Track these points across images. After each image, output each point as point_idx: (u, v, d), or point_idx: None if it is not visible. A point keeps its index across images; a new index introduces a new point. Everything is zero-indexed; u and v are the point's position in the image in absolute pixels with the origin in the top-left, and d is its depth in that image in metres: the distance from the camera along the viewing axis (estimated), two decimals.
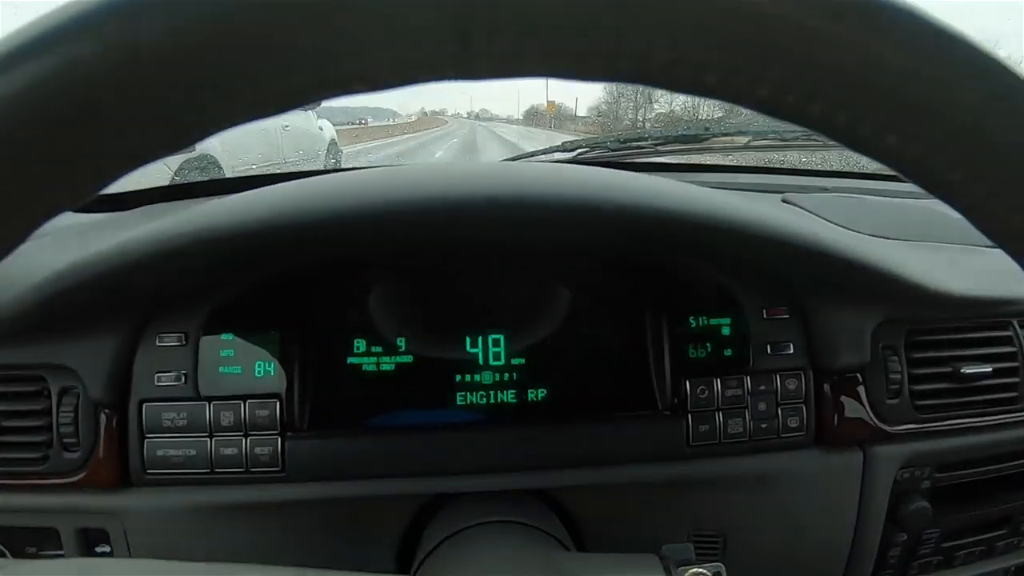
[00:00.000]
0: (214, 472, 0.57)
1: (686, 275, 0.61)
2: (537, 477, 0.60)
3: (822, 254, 0.54)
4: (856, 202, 0.97)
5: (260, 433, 0.56)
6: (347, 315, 0.59)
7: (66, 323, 0.55)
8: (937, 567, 0.74)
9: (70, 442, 0.56)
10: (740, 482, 0.62)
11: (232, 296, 0.58)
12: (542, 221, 0.53)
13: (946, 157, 0.18)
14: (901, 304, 0.62)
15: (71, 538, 0.59)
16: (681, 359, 0.60)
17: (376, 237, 0.56)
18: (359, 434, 0.58)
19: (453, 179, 0.52)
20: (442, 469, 0.59)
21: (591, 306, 0.61)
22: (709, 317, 0.61)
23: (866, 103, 0.17)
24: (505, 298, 0.61)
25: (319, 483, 0.58)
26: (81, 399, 0.56)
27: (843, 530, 0.66)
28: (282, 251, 0.56)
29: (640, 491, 0.62)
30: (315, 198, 0.50)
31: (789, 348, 0.61)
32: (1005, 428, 0.67)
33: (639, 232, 0.55)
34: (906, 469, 0.66)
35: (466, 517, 0.56)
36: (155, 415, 0.57)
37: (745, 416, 0.60)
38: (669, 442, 0.60)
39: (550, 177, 0.53)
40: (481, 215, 0.51)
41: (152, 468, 0.57)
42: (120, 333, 0.56)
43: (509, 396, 0.59)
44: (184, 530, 0.58)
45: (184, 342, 0.57)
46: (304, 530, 0.60)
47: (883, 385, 0.63)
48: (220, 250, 0.51)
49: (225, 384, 0.57)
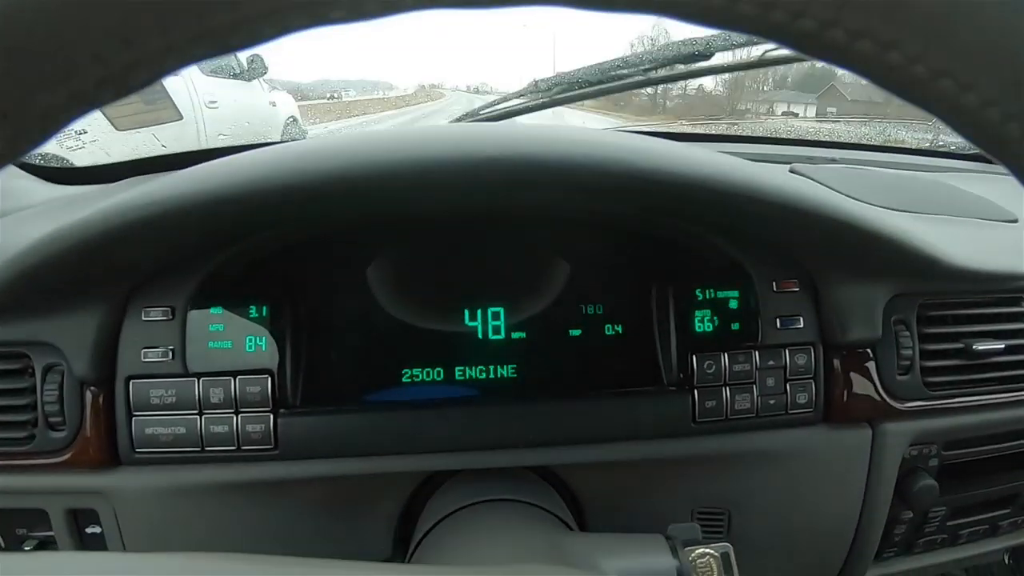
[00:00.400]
0: (205, 450, 0.55)
1: (695, 246, 0.59)
2: (538, 454, 0.58)
3: (837, 223, 0.52)
4: (865, 174, 0.94)
5: (251, 410, 0.55)
6: (341, 288, 0.57)
7: (47, 297, 0.52)
8: (941, 545, 0.73)
9: (55, 421, 0.55)
10: (747, 459, 0.61)
11: (221, 268, 0.55)
12: (548, 184, 0.50)
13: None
14: (913, 277, 0.60)
15: (60, 519, 0.58)
16: (688, 333, 0.58)
17: (371, 202, 0.53)
18: (354, 410, 0.56)
19: (452, 140, 0.50)
20: (440, 446, 0.57)
21: (594, 279, 0.59)
22: (717, 290, 0.59)
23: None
24: (505, 271, 0.59)
25: (313, 461, 0.56)
26: (66, 376, 0.55)
27: (850, 508, 0.65)
28: (272, 218, 0.53)
29: (644, 468, 0.60)
30: (306, 162, 0.48)
31: (799, 322, 0.60)
32: (1015, 406, 0.66)
33: (650, 197, 0.53)
34: (915, 446, 0.65)
35: (465, 496, 0.54)
36: (142, 392, 0.55)
37: (753, 392, 0.59)
38: (675, 418, 0.58)
39: (556, 139, 0.50)
40: (484, 178, 0.49)
41: (141, 447, 0.55)
42: (104, 308, 0.54)
43: (509, 371, 0.58)
44: (175, 510, 0.57)
45: (171, 316, 0.55)
46: (298, 509, 0.58)
47: (894, 361, 0.62)
48: (206, 217, 0.49)
49: (214, 360, 0.55)
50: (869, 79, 0.18)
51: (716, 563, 0.44)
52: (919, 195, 0.86)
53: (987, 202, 0.86)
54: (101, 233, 0.47)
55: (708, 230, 0.58)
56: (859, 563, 0.68)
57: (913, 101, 0.18)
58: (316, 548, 0.59)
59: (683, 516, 0.63)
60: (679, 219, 0.58)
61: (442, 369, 0.57)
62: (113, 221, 0.46)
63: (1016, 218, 0.81)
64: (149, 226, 0.47)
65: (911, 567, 0.73)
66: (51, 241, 0.48)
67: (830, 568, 0.69)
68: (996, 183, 1.02)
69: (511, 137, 0.50)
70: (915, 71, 0.17)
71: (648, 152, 0.49)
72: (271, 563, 0.24)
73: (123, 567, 0.22)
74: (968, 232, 0.74)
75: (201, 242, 0.54)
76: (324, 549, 0.60)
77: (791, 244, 0.58)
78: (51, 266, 0.49)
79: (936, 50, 0.16)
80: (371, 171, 0.47)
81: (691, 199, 0.51)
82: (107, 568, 0.22)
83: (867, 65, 0.17)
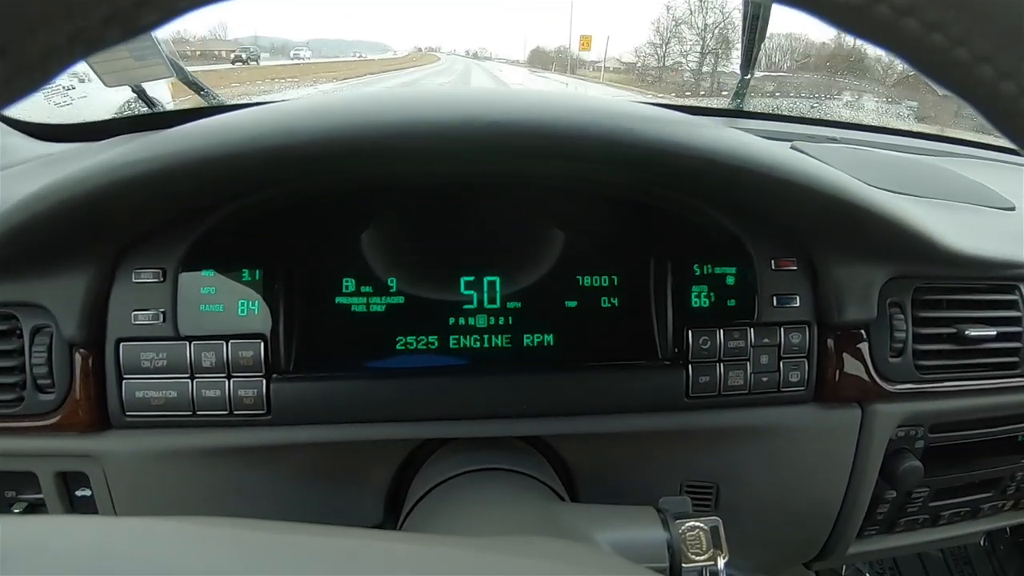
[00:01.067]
0: (196, 415, 0.55)
1: (695, 221, 0.59)
2: (531, 424, 0.58)
3: (838, 201, 0.52)
4: (865, 155, 0.94)
5: (244, 375, 0.54)
6: (336, 252, 0.56)
7: (35, 257, 0.51)
8: (922, 525, 0.75)
9: (44, 383, 0.54)
10: (737, 435, 0.62)
11: (213, 230, 0.54)
12: (553, 152, 0.49)
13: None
14: (911, 260, 0.60)
15: (50, 482, 0.57)
16: (684, 308, 0.58)
17: (368, 164, 0.52)
18: (348, 377, 0.56)
19: (455, 103, 0.48)
20: (433, 414, 0.57)
21: (592, 251, 0.58)
22: (715, 266, 0.59)
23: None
24: (502, 240, 0.58)
25: (305, 427, 0.56)
26: (55, 338, 0.54)
27: (836, 485, 0.66)
28: (266, 178, 0.52)
29: (636, 441, 0.61)
30: (302, 121, 0.46)
31: (795, 301, 0.60)
32: (1003, 392, 0.67)
33: (654, 167, 0.52)
34: (902, 428, 0.66)
35: (457, 464, 0.54)
36: (133, 355, 0.54)
37: (746, 368, 0.59)
38: (668, 392, 0.58)
39: (562, 105, 0.49)
40: (486, 142, 0.48)
41: (131, 410, 0.55)
42: (93, 268, 0.53)
43: (504, 341, 0.57)
44: (166, 474, 0.57)
45: (162, 279, 0.54)
46: (290, 475, 0.58)
47: (887, 343, 0.62)
48: (197, 177, 0.48)
49: (206, 323, 0.54)
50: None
51: (705, 536, 0.45)
52: (918, 178, 0.85)
53: (985, 188, 0.86)
54: (89, 191, 0.46)
55: (709, 204, 0.58)
56: (842, 539, 0.69)
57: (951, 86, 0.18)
58: (307, 514, 0.60)
59: (672, 489, 0.64)
60: (681, 191, 0.57)
61: (436, 338, 0.57)
62: (101, 179, 0.45)
63: (1014, 206, 0.81)
64: (138, 185, 0.46)
65: (892, 545, 0.75)
66: (37, 199, 0.46)
67: (813, 544, 0.70)
68: (994, 170, 1.02)
69: (516, 102, 0.49)
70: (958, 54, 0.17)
71: (654, 122, 0.49)
72: (261, 528, 0.24)
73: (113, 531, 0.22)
74: (966, 218, 0.74)
75: (193, 202, 0.53)
76: (315, 515, 0.60)
77: (791, 222, 0.58)
78: (38, 225, 0.47)
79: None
80: (369, 132, 0.46)
81: (695, 170, 0.50)
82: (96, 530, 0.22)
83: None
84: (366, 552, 0.23)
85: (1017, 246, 0.66)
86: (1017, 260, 0.64)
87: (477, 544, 0.27)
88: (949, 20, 0.16)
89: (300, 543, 0.22)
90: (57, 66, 0.15)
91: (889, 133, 1.12)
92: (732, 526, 0.46)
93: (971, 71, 0.17)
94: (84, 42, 0.15)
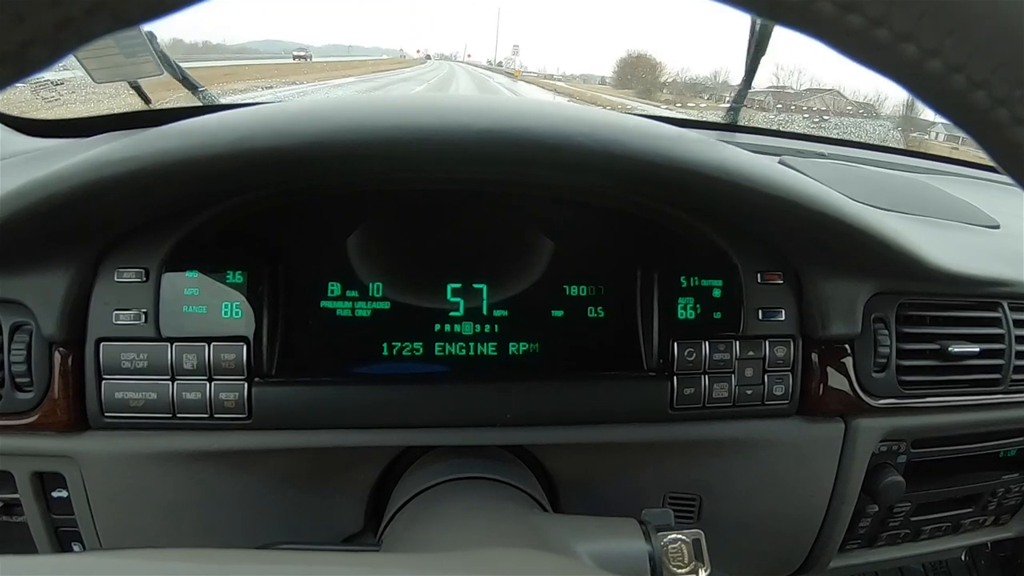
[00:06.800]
0: (176, 417, 0.54)
1: (683, 234, 0.59)
2: (514, 433, 0.58)
3: (825, 216, 0.52)
4: (852, 171, 0.95)
5: (226, 378, 0.54)
6: (322, 256, 0.56)
7: (16, 254, 0.50)
8: (904, 539, 0.75)
9: (23, 381, 0.53)
10: (721, 447, 0.62)
11: (198, 231, 0.54)
12: (543, 161, 0.49)
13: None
14: (896, 276, 0.61)
15: (26, 482, 0.56)
16: (670, 320, 0.58)
17: (355, 169, 0.52)
18: (331, 382, 0.55)
19: (445, 109, 0.48)
20: (417, 421, 0.57)
21: (579, 260, 0.58)
22: (702, 278, 0.59)
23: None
24: (490, 248, 0.58)
25: (287, 432, 0.55)
26: (34, 336, 0.53)
27: (818, 499, 0.66)
28: (252, 180, 0.52)
29: (620, 452, 0.61)
30: (291, 123, 0.46)
31: (781, 315, 0.60)
32: (985, 409, 0.67)
33: (644, 178, 0.52)
34: (885, 442, 0.66)
35: (440, 472, 0.54)
36: (113, 355, 0.53)
37: (731, 381, 0.59)
38: (652, 403, 0.58)
39: (554, 115, 0.48)
40: (476, 150, 0.47)
41: (110, 411, 0.54)
42: (75, 266, 0.52)
43: (489, 349, 0.57)
44: (144, 476, 0.56)
45: (145, 278, 0.53)
46: (270, 480, 0.58)
47: (871, 358, 0.62)
48: (183, 176, 0.47)
49: (189, 325, 0.54)
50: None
51: (687, 548, 0.45)
52: (905, 195, 0.86)
53: (970, 206, 0.87)
54: (73, 188, 0.45)
55: (696, 217, 0.58)
56: (823, 553, 0.70)
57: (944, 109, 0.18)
58: (287, 520, 0.59)
59: (655, 500, 0.64)
60: (669, 204, 0.57)
61: (422, 344, 0.56)
62: (86, 176, 0.45)
63: (998, 224, 0.82)
64: (123, 183, 0.45)
65: (873, 559, 0.75)
66: (20, 195, 0.45)
67: (795, 557, 0.70)
68: (979, 188, 1.03)
69: (508, 110, 0.49)
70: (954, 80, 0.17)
71: (643, 134, 0.49)
72: (243, 555, 0.23)
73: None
74: (951, 235, 0.75)
75: (177, 202, 0.52)
76: (295, 521, 0.59)
77: (777, 236, 0.58)
78: (19, 221, 0.47)
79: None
80: (359, 137, 0.46)
81: (683, 183, 0.50)
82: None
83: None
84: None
85: (1000, 264, 0.66)
86: (1000, 278, 0.65)
87: (452, 564, 0.26)
88: (948, 47, 0.16)
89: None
90: (42, 57, 0.15)
91: (876, 150, 1.14)
92: (714, 538, 0.46)
93: (966, 96, 0.17)
94: (73, 32, 0.15)
